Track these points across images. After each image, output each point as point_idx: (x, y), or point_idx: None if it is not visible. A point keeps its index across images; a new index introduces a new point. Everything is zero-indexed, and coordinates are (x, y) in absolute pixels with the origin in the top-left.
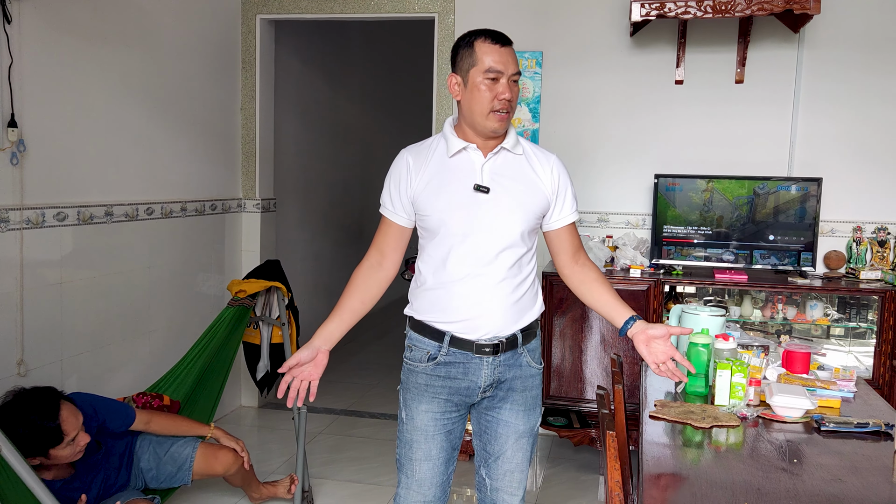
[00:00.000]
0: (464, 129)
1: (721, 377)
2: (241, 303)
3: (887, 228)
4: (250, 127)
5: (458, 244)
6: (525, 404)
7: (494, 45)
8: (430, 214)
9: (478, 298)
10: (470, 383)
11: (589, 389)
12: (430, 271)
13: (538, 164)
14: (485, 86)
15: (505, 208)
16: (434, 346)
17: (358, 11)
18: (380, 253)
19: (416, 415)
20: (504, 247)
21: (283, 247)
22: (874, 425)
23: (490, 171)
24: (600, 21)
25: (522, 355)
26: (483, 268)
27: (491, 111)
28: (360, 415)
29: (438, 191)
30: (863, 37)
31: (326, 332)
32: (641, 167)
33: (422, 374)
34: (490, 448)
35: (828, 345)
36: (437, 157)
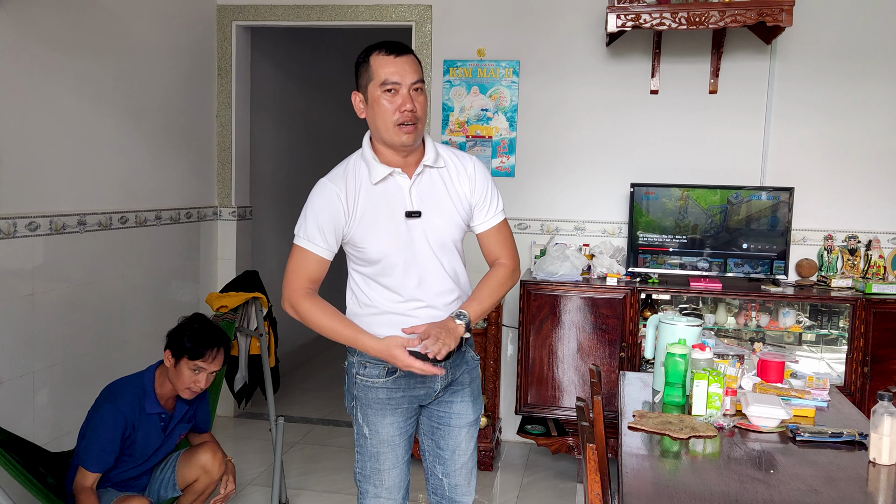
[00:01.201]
0: (379, 148)
1: (698, 387)
2: (225, 318)
3: (857, 237)
4: (226, 134)
5: (400, 270)
6: (473, 394)
7: (389, 56)
8: (368, 246)
9: (431, 315)
10: (427, 389)
11: (566, 397)
12: (376, 296)
13: (457, 173)
14: (385, 99)
15: (438, 227)
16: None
17: (335, 19)
18: (310, 283)
19: (380, 428)
20: (444, 262)
21: (259, 254)
22: (848, 435)
23: (418, 193)
24: (577, 31)
25: (466, 351)
26: (430, 286)
27: (395, 125)
28: (338, 424)
29: (373, 223)
30: (833, 49)
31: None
32: (617, 176)
33: (382, 388)
34: (444, 443)
35: (800, 351)
36: (365, 186)
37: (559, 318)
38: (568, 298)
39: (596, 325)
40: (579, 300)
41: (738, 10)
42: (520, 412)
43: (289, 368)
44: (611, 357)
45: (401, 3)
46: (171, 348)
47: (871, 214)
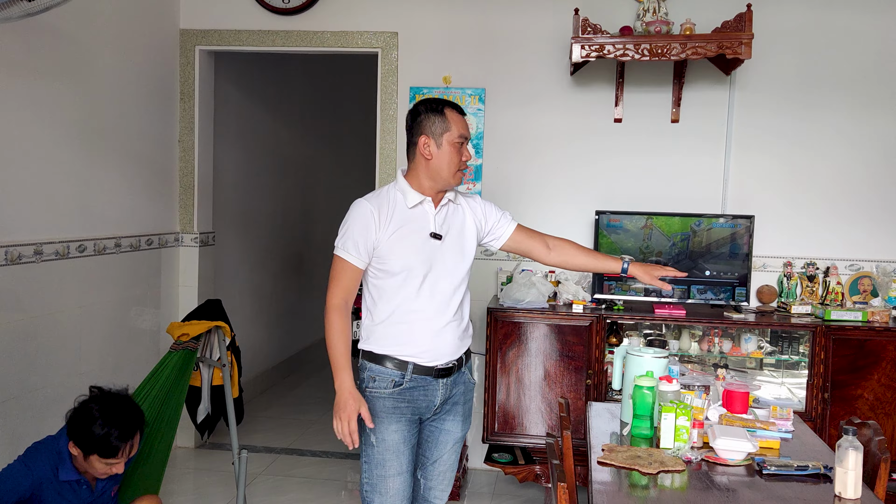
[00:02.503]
0: (421, 182)
1: (666, 420)
2: (185, 346)
3: (816, 264)
4: (188, 159)
5: (418, 284)
6: (464, 414)
7: (461, 115)
8: (395, 260)
9: (438, 331)
10: (428, 402)
11: (533, 425)
12: (391, 309)
13: (471, 209)
14: (456, 150)
15: (454, 252)
16: (398, 374)
17: (301, 45)
18: (345, 293)
19: (387, 436)
20: (456, 284)
21: (222, 280)
22: (813, 468)
23: (440, 221)
24: (541, 60)
25: (465, 372)
26: (440, 304)
27: (458, 170)
28: (302, 453)
29: (402, 240)
30: (791, 81)
31: (350, 382)
32: (583, 202)
33: (388, 399)
34: (430, 453)
35: (762, 377)
36: (399, 209)
37: (526, 346)
38: (534, 326)
39: (562, 353)
40: (546, 327)
41: (698, 42)
42: (487, 440)
43: (251, 395)
44: (577, 384)
45: (367, 29)
46: (76, 440)
47: (829, 242)
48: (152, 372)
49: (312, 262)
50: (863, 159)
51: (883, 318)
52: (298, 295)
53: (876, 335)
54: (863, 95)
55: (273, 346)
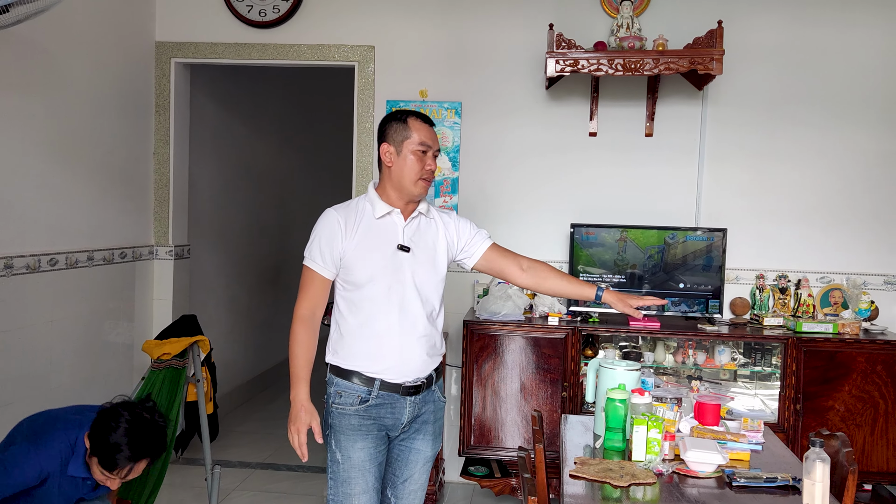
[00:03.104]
0: (388, 193)
1: (637, 433)
2: (170, 364)
3: (787, 276)
4: (163, 172)
5: (385, 299)
6: (434, 433)
7: (424, 124)
8: (360, 270)
9: (405, 347)
10: (395, 420)
11: (509, 438)
12: (358, 322)
13: (444, 225)
14: (415, 156)
15: (423, 265)
16: (364, 391)
17: (277, 58)
18: (312, 304)
19: (352, 453)
20: (423, 299)
21: (197, 294)
22: (782, 479)
23: (410, 233)
24: (517, 74)
25: (435, 391)
26: (408, 319)
27: (419, 178)
28: (277, 468)
29: (368, 250)
30: (761, 96)
31: (305, 393)
32: (558, 215)
33: (354, 416)
34: (400, 472)
35: (736, 388)
36: (366, 219)
37: (502, 358)
38: (510, 338)
39: (538, 365)
40: (522, 340)
41: (671, 58)
42: (463, 453)
43: (227, 409)
44: (553, 397)
45: (343, 43)
46: (91, 436)
47: (801, 254)
48: (140, 393)
49: (289, 275)
50: (834, 173)
51: (853, 330)
52: (275, 308)
53: (846, 347)
54: (833, 110)
55: (249, 359)
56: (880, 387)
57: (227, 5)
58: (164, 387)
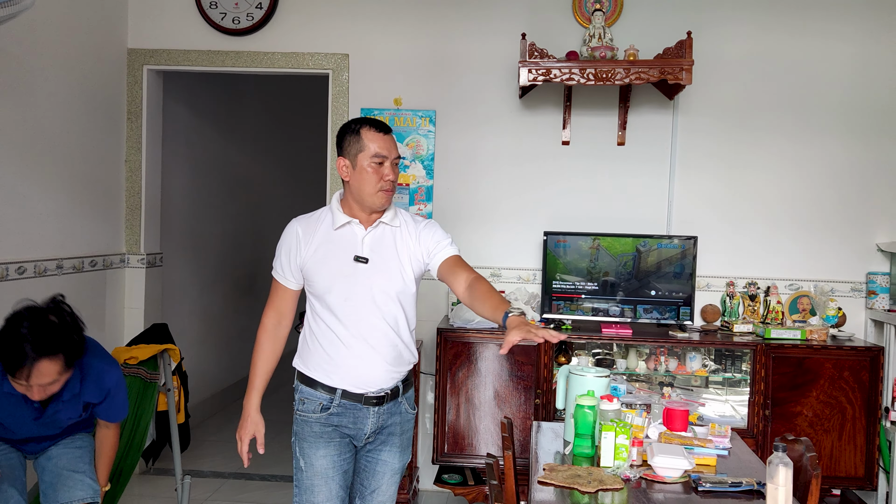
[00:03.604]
0: (350, 204)
1: (606, 439)
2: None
3: (757, 283)
4: (135, 179)
5: (342, 309)
6: (402, 445)
7: (378, 133)
8: (317, 281)
9: (363, 357)
10: (357, 431)
11: (483, 445)
12: (319, 331)
13: (408, 233)
14: (372, 168)
15: (382, 276)
16: (326, 398)
17: (251, 66)
18: (278, 314)
19: (314, 461)
20: (383, 309)
21: (170, 302)
22: (747, 484)
23: (370, 243)
24: (491, 83)
25: (402, 403)
26: (364, 329)
27: (379, 190)
28: (251, 477)
29: (324, 260)
30: (731, 106)
31: (255, 402)
32: (532, 223)
33: (316, 423)
34: (367, 483)
35: (707, 394)
36: (324, 228)
37: (475, 366)
38: (484, 346)
39: (512, 373)
40: (495, 347)
41: (641, 68)
42: (437, 461)
43: (201, 419)
44: (526, 404)
45: (318, 51)
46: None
47: (770, 262)
48: None
49: (264, 283)
50: (802, 181)
51: (821, 336)
52: (249, 317)
53: (814, 353)
54: (802, 119)
55: (223, 368)
56: (847, 392)
57: (200, 13)
58: (132, 394)
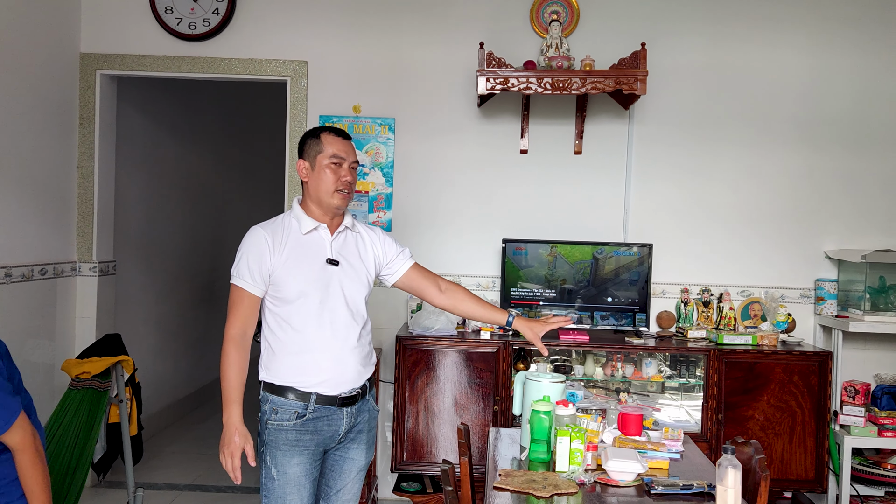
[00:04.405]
0: (310, 207)
1: (561, 444)
2: (90, 385)
3: (710, 290)
4: (88, 186)
5: (317, 313)
6: (368, 442)
7: (338, 137)
8: (290, 286)
9: (339, 358)
10: (333, 433)
11: (442, 453)
12: (290, 337)
13: (371, 241)
14: (330, 170)
15: (351, 278)
16: (301, 406)
17: (207, 72)
18: (243, 323)
19: (288, 469)
20: (353, 311)
21: (124, 311)
22: (698, 486)
23: (337, 247)
24: (450, 91)
25: (369, 400)
26: (340, 331)
27: (335, 190)
28: (206, 489)
29: (297, 266)
30: (685, 115)
31: (238, 415)
32: (491, 231)
33: (291, 431)
34: (334, 483)
35: (663, 400)
36: (293, 235)
37: (435, 373)
38: (443, 353)
39: (471, 380)
40: (454, 354)
41: (597, 78)
42: (395, 469)
43: (156, 429)
44: (486, 410)
45: (276, 58)
46: None
47: (722, 269)
48: (56, 412)
49: (222, 292)
50: (753, 190)
51: (771, 341)
52: (207, 326)
53: (765, 358)
54: (754, 129)
55: (179, 378)
56: (797, 396)
57: (155, 17)
58: (83, 407)
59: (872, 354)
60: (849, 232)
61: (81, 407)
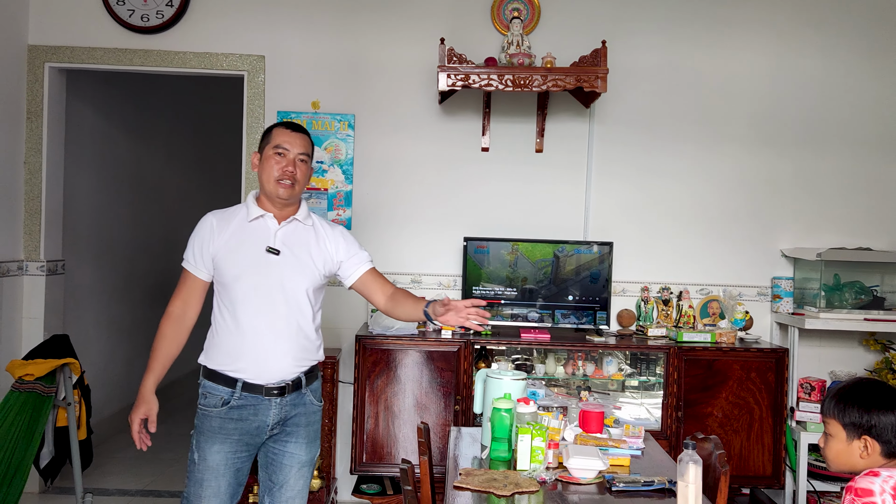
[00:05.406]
0: (263, 199)
1: (522, 442)
2: (33, 388)
3: (670, 288)
4: (35, 182)
5: (250, 299)
6: (308, 437)
7: (287, 129)
8: (227, 271)
9: (267, 347)
10: (260, 423)
11: (403, 453)
12: (224, 323)
13: (324, 233)
14: (274, 160)
15: (292, 269)
16: (227, 392)
17: (162, 65)
18: (183, 303)
19: (208, 455)
20: (290, 302)
21: (73, 312)
22: (659, 483)
23: (282, 236)
24: (410, 87)
25: (306, 395)
26: (273, 319)
27: (276, 180)
28: (160, 495)
29: (236, 251)
30: (644, 115)
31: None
32: (452, 229)
33: (216, 418)
34: (275, 478)
35: (623, 398)
36: (238, 221)
37: (395, 373)
38: (404, 352)
39: (432, 379)
40: (415, 354)
41: (558, 75)
42: (355, 471)
43: (108, 433)
44: (447, 410)
45: (232, 52)
46: None
47: (682, 267)
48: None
49: None
50: (712, 189)
51: (729, 339)
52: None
53: (723, 355)
54: (712, 128)
55: (133, 381)
56: (755, 393)
57: (106, 8)
58: (25, 411)
59: (827, 351)
60: (804, 230)
61: (23, 410)
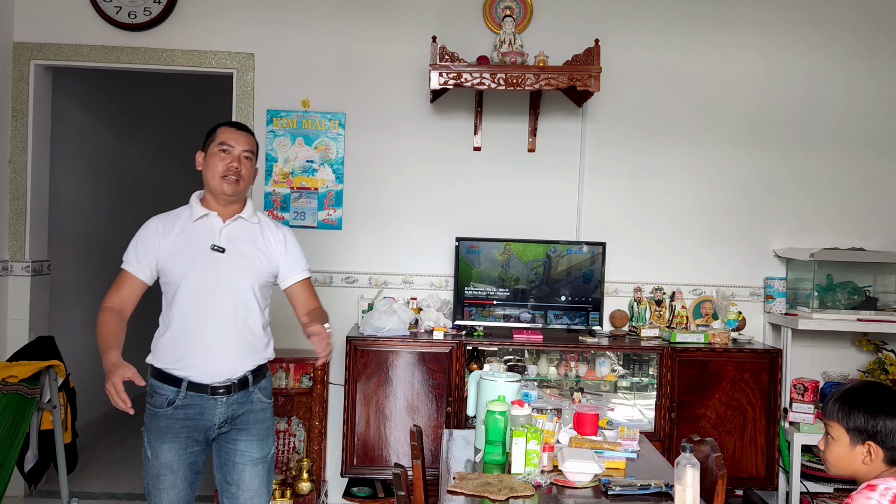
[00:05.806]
0: (206, 197)
1: (517, 445)
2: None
3: (663, 289)
4: (20, 181)
5: (195, 297)
6: (258, 435)
7: (231, 128)
8: (173, 270)
9: (212, 346)
10: (206, 422)
11: (394, 456)
12: (170, 322)
13: (270, 232)
14: (218, 157)
15: (238, 267)
16: (173, 392)
17: (149, 63)
18: (120, 299)
19: (160, 453)
20: (236, 300)
21: (58, 313)
22: (655, 486)
23: (227, 234)
24: (402, 86)
25: (254, 393)
26: (218, 317)
27: (220, 176)
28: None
29: (181, 250)
30: (637, 114)
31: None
32: (444, 229)
33: (163, 417)
34: (230, 478)
35: (616, 399)
36: (183, 222)
37: (387, 375)
38: (396, 354)
39: (424, 381)
40: (407, 355)
41: (551, 74)
42: (346, 474)
43: (96, 436)
44: (439, 412)
45: (221, 49)
46: None
47: (675, 268)
48: None
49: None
50: (705, 189)
51: (722, 339)
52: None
53: (716, 356)
54: (706, 128)
55: None
56: (748, 394)
57: (93, 5)
58: (7, 413)
59: (820, 352)
60: (797, 231)
61: (6, 413)
